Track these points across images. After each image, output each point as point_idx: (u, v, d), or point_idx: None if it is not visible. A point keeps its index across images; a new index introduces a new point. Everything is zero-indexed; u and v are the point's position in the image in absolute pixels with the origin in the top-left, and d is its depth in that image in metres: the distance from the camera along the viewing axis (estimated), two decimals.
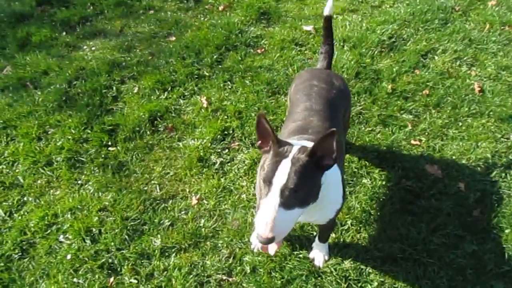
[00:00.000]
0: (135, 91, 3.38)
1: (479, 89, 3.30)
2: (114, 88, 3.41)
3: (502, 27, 3.88)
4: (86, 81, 3.47)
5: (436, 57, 3.57)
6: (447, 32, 3.83)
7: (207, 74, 3.47)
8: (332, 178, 1.79)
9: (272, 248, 1.76)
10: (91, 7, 4.36)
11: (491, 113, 3.13)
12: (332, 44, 2.45)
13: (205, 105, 3.20)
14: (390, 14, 4.00)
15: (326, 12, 2.35)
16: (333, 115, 2.10)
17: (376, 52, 3.58)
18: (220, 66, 3.54)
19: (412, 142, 2.93)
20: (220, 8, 4.22)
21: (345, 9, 4.12)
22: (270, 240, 1.46)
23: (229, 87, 3.36)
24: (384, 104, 3.18)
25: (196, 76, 3.46)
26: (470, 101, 3.21)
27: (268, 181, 1.51)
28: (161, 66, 3.57)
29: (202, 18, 4.13)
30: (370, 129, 3.02)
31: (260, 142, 1.69)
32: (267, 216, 1.46)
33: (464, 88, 3.31)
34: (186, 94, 3.33)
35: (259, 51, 3.68)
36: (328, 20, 2.37)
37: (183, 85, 3.39)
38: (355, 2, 4.23)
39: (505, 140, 2.96)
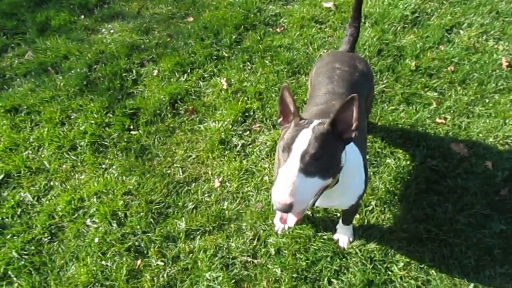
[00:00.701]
0: (155, 74, 3.37)
1: (506, 64, 3.19)
2: (134, 71, 3.40)
3: None
4: (106, 64, 3.47)
5: (461, 32, 3.46)
6: (473, 5, 3.69)
7: (226, 55, 3.44)
8: (353, 162, 1.77)
9: (292, 220, 1.64)
10: None
11: None
12: (359, 27, 2.39)
13: (225, 87, 3.18)
14: None
15: None
16: None
17: (398, 28, 3.48)
18: (239, 47, 3.50)
19: (437, 120, 2.87)
20: None
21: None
22: (288, 207, 1.37)
23: (249, 68, 3.33)
24: (408, 82, 3.11)
25: (215, 57, 3.43)
26: (497, 77, 3.11)
27: (288, 148, 1.46)
28: (180, 48, 3.55)
29: None
30: (393, 107, 2.96)
31: (281, 118, 1.67)
32: (287, 180, 1.39)
33: (491, 63, 3.20)
34: (205, 76, 3.31)
35: (278, 30, 3.62)
36: (359, 1, 2.30)
37: (202, 67, 3.36)
38: None
39: None
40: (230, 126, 2.92)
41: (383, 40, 3.37)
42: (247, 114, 3.00)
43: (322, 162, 1.45)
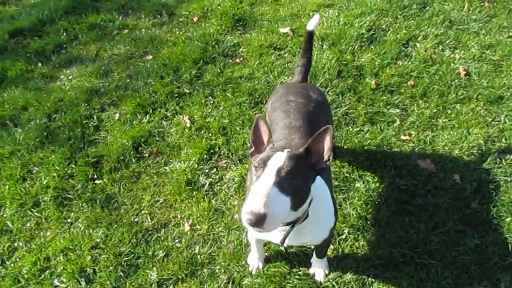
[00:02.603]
0: (116, 117, 3.31)
1: (464, 72, 3.22)
2: (95, 117, 3.34)
3: (481, 4, 3.82)
4: (65, 113, 3.40)
5: (417, 44, 3.50)
6: (426, 16, 3.75)
7: (187, 91, 3.40)
8: (321, 195, 1.74)
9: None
10: (65, 34, 4.28)
11: (479, 96, 3.06)
12: (311, 57, 2.40)
13: (188, 125, 3.13)
14: (366, 5, 3.91)
15: (310, 27, 2.29)
16: (314, 129, 2.04)
17: (356, 47, 3.51)
18: (200, 81, 3.47)
19: (402, 137, 2.87)
20: (195, 19, 4.14)
21: (321, 5, 4.04)
22: (261, 218, 1.29)
23: (211, 102, 3.29)
24: (370, 101, 3.12)
25: (176, 94, 3.39)
26: (457, 87, 3.14)
27: (263, 164, 1.44)
28: (140, 88, 3.50)
29: (177, 32, 4.05)
30: (358, 129, 2.95)
31: (253, 148, 1.67)
32: (261, 191, 1.34)
33: (449, 73, 3.24)
34: (168, 115, 3.26)
35: (237, 60, 3.60)
36: (310, 34, 2.33)
37: (164, 106, 3.32)
38: None
39: (497, 123, 2.90)
40: (196, 165, 2.87)
41: (341, 61, 3.38)
42: (212, 151, 2.95)
43: (296, 182, 1.43)
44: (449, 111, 3.01)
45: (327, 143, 1.51)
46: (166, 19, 4.24)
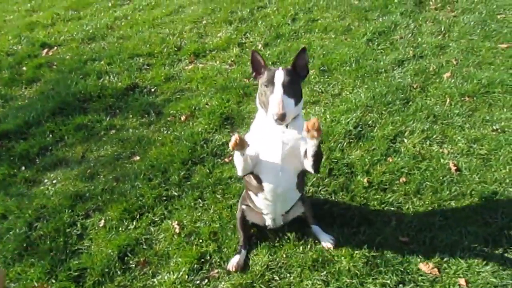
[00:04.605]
0: (101, 224, 3.16)
1: (455, 168, 3.22)
2: (79, 224, 3.19)
3: (462, 98, 3.93)
4: (48, 221, 3.24)
5: (405, 140, 3.53)
6: (410, 111, 3.83)
7: (176, 194, 3.30)
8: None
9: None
10: (51, 135, 4.23)
11: (473, 192, 3.03)
12: None
13: (177, 230, 3.00)
14: (351, 101, 4.00)
15: None
16: None
17: (345, 144, 3.52)
18: (188, 183, 3.39)
19: (401, 239, 2.77)
20: (182, 118, 4.16)
21: (307, 102, 4.12)
22: (283, 116, 2.08)
23: (201, 205, 3.19)
24: (364, 199, 3.06)
25: (164, 198, 3.29)
26: (449, 183, 3.11)
27: (271, 82, 2.17)
28: (127, 192, 3.39)
29: (165, 132, 4.04)
30: (354, 230, 2.85)
31: (254, 73, 2.37)
32: (278, 100, 2.10)
33: (440, 169, 3.23)
34: (156, 220, 3.13)
35: (227, 160, 3.57)
36: None
37: (152, 210, 3.20)
38: (315, 93, 4.25)
39: (495, 220, 2.83)
40: (187, 277, 2.69)
41: (332, 159, 3.37)
42: (203, 259, 2.79)
43: (294, 87, 2.19)
44: (445, 209, 2.95)
45: (304, 58, 2.29)
46: (153, 118, 4.26)
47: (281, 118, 2.08)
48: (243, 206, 2.77)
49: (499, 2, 5.47)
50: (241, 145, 2.15)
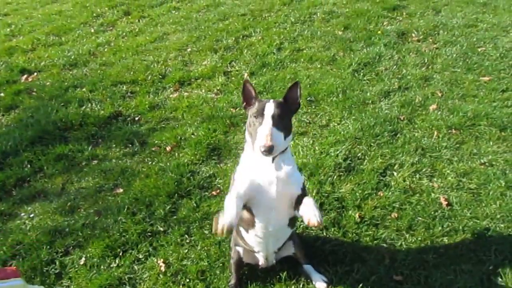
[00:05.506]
0: (82, 262, 3.00)
1: (446, 202, 3.20)
2: (57, 262, 3.01)
3: (449, 131, 3.94)
4: (24, 258, 3.05)
5: (395, 173, 3.50)
6: (398, 144, 3.82)
7: (161, 229, 3.17)
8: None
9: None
10: (29, 166, 4.05)
11: (465, 228, 3.00)
12: None
13: (163, 269, 2.86)
14: (339, 133, 3.98)
15: None
16: None
17: (335, 177, 3.47)
18: (174, 217, 3.27)
19: (395, 277, 2.70)
20: (168, 148, 4.06)
21: (294, 133, 4.07)
22: (271, 148, 2.02)
23: (187, 241, 3.06)
24: (355, 235, 2.99)
25: (149, 233, 3.15)
26: (441, 218, 3.08)
27: (260, 113, 2.13)
28: (110, 227, 3.24)
29: (149, 163, 3.92)
30: (347, 268, 2.77)
31: (245, 103, 2.31)
32: (266, 132, 2.06)
33: (431, 204, 3.20)
34: (140, 257, 2.99)
35: (214, 193, 3.47)
36: None
37: (136, 247, 3.06)
38: (302, 124, 4.21)
39: (488, 258, 2.79)
40: None
41: (322, 193, 3.30)
42: None
43: (284, 121, 2.15)
44: (438, 245, 2.90)
45: (297, 92, 2.25)
46: (138, 148, 4.13)
47: (268, 151, 2.03)
48: (239, 249, 2.66)
49: (479, 35, 5.60)
50: (229, 231, 2.08)
